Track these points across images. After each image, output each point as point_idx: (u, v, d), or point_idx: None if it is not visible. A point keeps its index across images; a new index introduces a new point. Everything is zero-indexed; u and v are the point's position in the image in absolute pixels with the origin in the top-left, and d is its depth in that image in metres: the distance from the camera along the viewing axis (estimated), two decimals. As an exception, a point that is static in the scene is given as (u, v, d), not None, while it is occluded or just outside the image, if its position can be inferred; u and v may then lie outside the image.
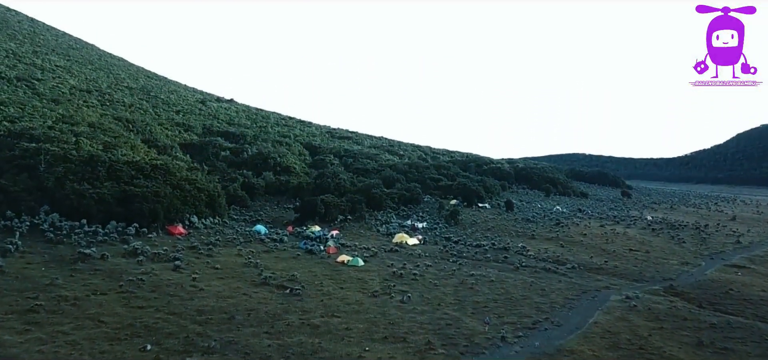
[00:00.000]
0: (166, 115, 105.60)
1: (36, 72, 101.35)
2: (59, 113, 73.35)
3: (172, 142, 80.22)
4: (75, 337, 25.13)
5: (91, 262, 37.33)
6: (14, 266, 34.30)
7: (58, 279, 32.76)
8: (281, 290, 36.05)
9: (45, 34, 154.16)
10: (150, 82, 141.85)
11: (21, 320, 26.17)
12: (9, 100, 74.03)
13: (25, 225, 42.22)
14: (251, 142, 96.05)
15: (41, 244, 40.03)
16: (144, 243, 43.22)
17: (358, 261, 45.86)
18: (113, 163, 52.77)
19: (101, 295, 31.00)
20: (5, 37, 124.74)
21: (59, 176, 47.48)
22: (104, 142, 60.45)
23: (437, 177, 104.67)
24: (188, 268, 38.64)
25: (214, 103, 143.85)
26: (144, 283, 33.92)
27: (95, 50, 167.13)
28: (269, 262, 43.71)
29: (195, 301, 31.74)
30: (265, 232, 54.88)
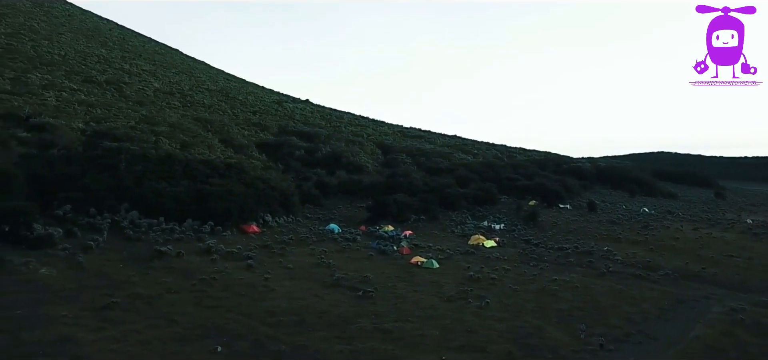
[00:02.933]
0: (244, 115, 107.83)
1: (123, 76, 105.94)
2: (142, 114, 76.01)
3: (249, 142, 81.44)
4: (147, 336, 24.82)
5: (166, 259, 37.61)
6: (94, 263, 34.95)
7: (134, 276, 33.02)
8: (353, 292, 34.83)
9: (133, 40, 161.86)
10: (229, 84, 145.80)
11: (96, 318, 26.18)
12: (97, 102, 77.44)
13: (106, 222, 43.28)
14: (325, 142, 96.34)
15: (120, 241, 40.85)
16: (218, 241, 43.37)
17: (433, 263, 44.07)
18: (189, 161, 53.64)
19: (174, 294, 30.86)
20: (97, 44, 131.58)
21: (138, 175, 48.66)
22: (182, 142, 61.78)
23: (514, 176, 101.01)
24: (261, 268, 38.22)
25: (290, 103, 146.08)
26: (216, 282, 33.64)
27: (178, 55, 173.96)
28: (341, 262, 42.72)
29: (266, 302, 31.03)
30: (338, 231, 54.16)
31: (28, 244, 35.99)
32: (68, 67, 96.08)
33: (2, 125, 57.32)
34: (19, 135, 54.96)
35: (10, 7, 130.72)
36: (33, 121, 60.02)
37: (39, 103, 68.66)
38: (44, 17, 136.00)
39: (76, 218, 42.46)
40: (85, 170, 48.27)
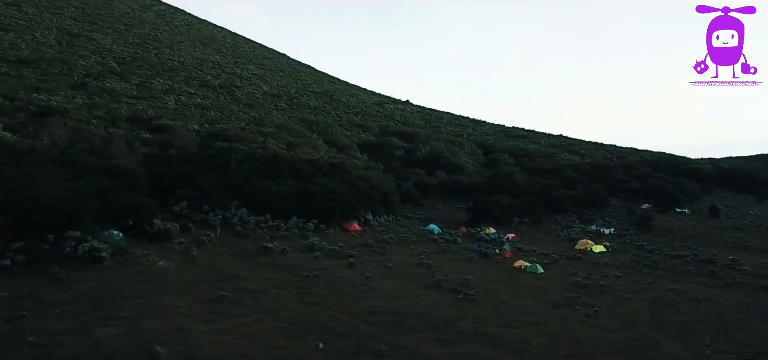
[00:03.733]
0: (346, 117, 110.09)
1: (235, 80, 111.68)
2: (252, 116, 79.68)
3: (351, 142, 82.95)
4: (253, 329, 25.65)
5: (272, 255, 38.90)
6: (206, 257, 36.84)
7: (242, 271, 34.39)
8: (454, 294, 34.16)
9: (244, 46, 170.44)
10: (333, 87, 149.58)
11: (208, 310, 27.44)
12: (211, 105, 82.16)
13: (218, 218, 45.57)
14: (424, 142, 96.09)
15: (230, 237, 42.84)
16: (321, 239, 44.29)
17: (537, 267, 42.36)
18: (294, 161, 55.39)
19: (279, 289, 31.75)
20: (212, 50, 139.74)
21: (247, 174, 50.90)
22: (288, 142, 63.97)
23: (625, 178, 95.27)
24: (361, 266, 38.52)
25: (391, 104, 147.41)
26: (319, 279, 34.27)
27: (286, 59, 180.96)
28: (442, 263, 42.15)
29: (367, 301, 31.14)
30: (438, 232, 53.63)
31: (148, 237, 38.64)
32: (186, 73, 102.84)
33: (129, 127, 62.32)
34: (143, 136, 59.45)
35: (137, 19, 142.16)
36: (155, 123, 64.72)
37: (160, 107, 73.96)
38: (166, 27, 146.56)
39: (191, 214, 45.05)
40: (199, 169, 51.22)
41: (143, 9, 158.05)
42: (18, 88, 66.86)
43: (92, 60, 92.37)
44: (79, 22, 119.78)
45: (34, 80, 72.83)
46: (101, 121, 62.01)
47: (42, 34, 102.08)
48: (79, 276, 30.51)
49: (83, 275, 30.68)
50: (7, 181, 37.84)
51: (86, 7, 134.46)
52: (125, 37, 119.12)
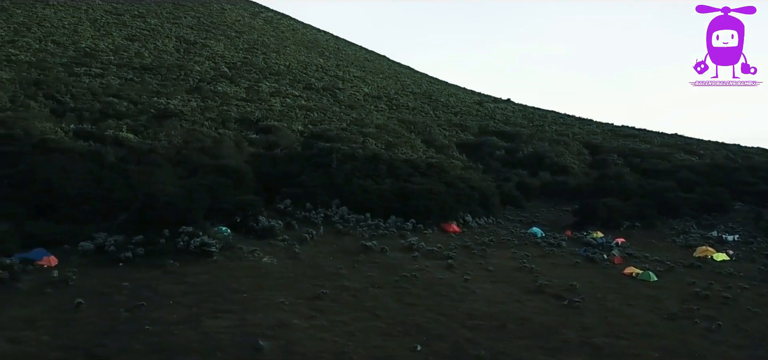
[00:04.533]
0: (445, 116, 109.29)
1: (338, 82, 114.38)
2: (353, 117, 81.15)
3: (450, 142, 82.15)
4: (352, 328, 25.78)
5: (371, 254, 39.13)
6: (308, 254, 37.74)
7: (342, 269, 34.84)
8: (558, 300, 32.53)
9: (346, 49, 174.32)
10: (432, 87, 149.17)
11: (308, 306, 27.96)
12: (315, 107, 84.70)
13: (320, 216, 46.64)
14: (527, 141, 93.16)
15: (331, 234, 43.66)
16: (420, 239, 44.02)
17: (650, 275, 39.45)
18: (393, 161, 55.61)
19: (378, 289, 31.79)
20: (316, 54, 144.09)
21: (347, 173, 51.78)
22: (387, 142, 64.41)
23: (751, 180, 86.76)
24: (460, 268, 37.78)
25: (491, 103, 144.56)
26: (417, 280, 33.96)
27: (386, 61, 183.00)
28: (545, 267, 40.40)
29: (466, 304, 30.40)
30: (541, 235, 51.61)
31: (254, 234, 40.30)
32: (292, 76, 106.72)
33: (238, 128, 65.61)
34: (250, 137, 62.35)
35: (247, 26, 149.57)
36: (261, 124, 67.64)
37: (267, 109, 77.26)
38: (273, 33, 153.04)
39: (294, 212, 46.50)
40: (302, 168, 52.86)
41: (252, 16, 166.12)
42: (141, 93, 72.50)
43: (206, 65, 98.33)
44: (196, 31, 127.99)
45: (155, 85, 78.69)
46: (213, 122, 65.76)
47: (163, 42, 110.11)
48: (191, 269, 32.28)
49: (194, 268, 32.44)
50: (129, 178, 40.94)
51: (202, 16, 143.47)
52: (236, 43, 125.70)
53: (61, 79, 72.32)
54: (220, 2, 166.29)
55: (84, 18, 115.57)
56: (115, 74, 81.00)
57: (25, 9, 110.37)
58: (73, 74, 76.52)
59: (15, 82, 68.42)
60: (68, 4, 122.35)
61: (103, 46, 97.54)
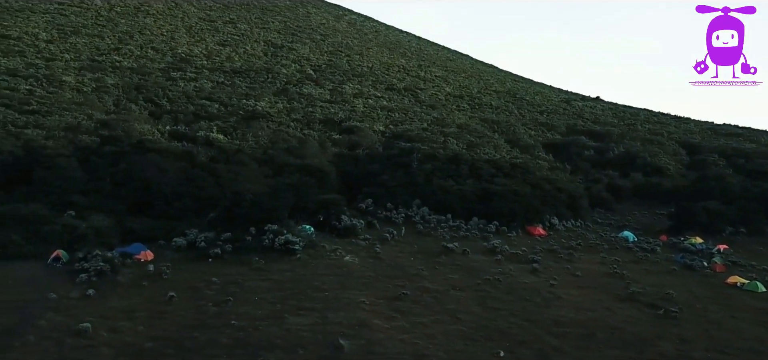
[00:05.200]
0: (530, 115, 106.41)
1: (419, 82, 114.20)
2: (434, 117, 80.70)
3: (535, 142, 79.82)
4: (432, 330, 25.40)
5: (452, 256, 38.54)
6: (389, 254, 37.67)
7: (423, 270, 34.49)
8: (652, 310, 30.53)
9: (428, 49, 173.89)
10: (516, 86, 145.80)
11: (389, 307, 27.84)
12: (396, 107, 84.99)
13: (401, 216, 46.59)
14: (617, 141, 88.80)
15: (412, 235, 43.43)
16: (503, 241, 42.89)
17: (758, 286, 36.25)
18: (475, 161, 54.66)
19: (459, 291, 31.19)
20: (398, 55, 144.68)
21: (428, 173, 51.39)
22: (468, 142, 63.48)
23: None
24: (546, 273, 36.37)
25: (579, 102, 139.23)
26: (500, 284, 33.03)
27: (468, 59, 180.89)
28: (638, 274, 38.11)
29: (551, 310, 29.18)
30: (633, 240, 48.81)
31: (337, 232, 40.83)
32: (374, 77, 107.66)
33: (322, 129, 66.97)
34: (334, 137, 63.43)
35: (332, 29, 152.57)
36: (345, 125, 68.64)
37: (350, 110, 78.35)
38: (357, 35, 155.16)
39: (375, 211, 46.75)
40: (384, 168, 53.05)
41: (337, 19, 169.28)
42: (231, 95, 75.63)
43: (292, 68, 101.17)
44: (283, 35, 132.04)
45: (244, 88, 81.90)
46: (298, 123, 67.55)
47: (252, 46, 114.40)
48: (275, 266, 33.08)
49: (279, 265, 33.21)
50: (219, 177, 42.67)
51: (288, 20, 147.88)
52: (321, 46, 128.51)
53: (159, 84, 76.80)
54: (306, 6, 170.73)
55: (180, 25, 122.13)
56: (207, 78, 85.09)
57: (129, 18, 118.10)
58: (170, 79, 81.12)
59: (118, 87, 73.43)
60: (166, 12, 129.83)
61: (198, 51, 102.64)
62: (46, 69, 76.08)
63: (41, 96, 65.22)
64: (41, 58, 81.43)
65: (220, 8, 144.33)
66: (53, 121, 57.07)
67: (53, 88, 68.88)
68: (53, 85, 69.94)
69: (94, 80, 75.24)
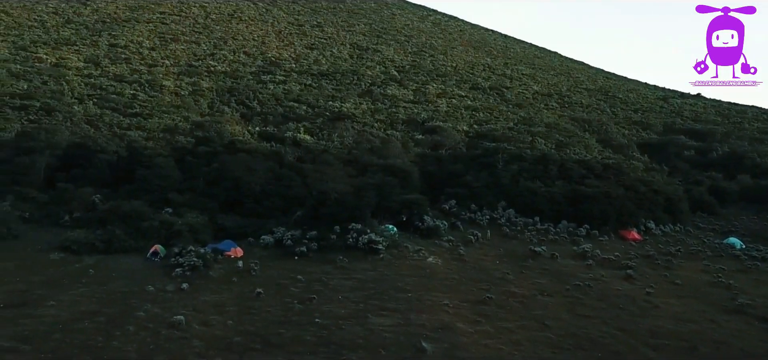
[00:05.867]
0: (624, 114, 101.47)
1: (505, 81, 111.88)
2: (520, 116, 78.71)
3: (629, 142, 75.90)
4: (519, 336, 24.49)
5: (540, 260, 37.18)
6: (473, 256, 36.91)
7: (509, 274, 33.49)
8: (763, 323, 27.93)
9: (515, 47, 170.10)
10: (608, 83, 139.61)
11: (473, 310, 27.19)
12: (481, 107, 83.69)
13: (485, 218, 45.60)
14: (721, 140, 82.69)
15: (498, 237, 42.35)
16: (594, 246, 40.90)
17: None
18: (564, 161, 52.60)
19: (547, 297, 29.98)
20: (483, 54, 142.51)
21: (514, 174, 50.00)
22: (557, 142, 61.32)
23: None
24: (642, 280, 34.25)
25: (677, 99, 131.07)
26: (591, 290, 31.42)
27: (557, 57, 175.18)
28: (746, 284, 35.04)
29: (648, 320, 27.36)
30: (740, 247, 45.06)
31: (420, 233, 40.53)
32: (458, 77, 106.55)
33: (405, 129, 67.02)
34: (416, 137, 63.27)
35: (416, 29, 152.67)
36: (428, 125, 68.32)
37: (433, 110, 77.96)
38: (441, 35, 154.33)
39: (459, 212, 46.02)
40: (467, 168, 52.21)
41: (421, 19, 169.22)
42: (318, 97, 77.38)
43: (377, 70, 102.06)
44: (368, 37, 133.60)
45: (330, 90, 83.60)
46: (382, 124, 68.06)
47: (338, 49, 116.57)
48: (359, 265, 33.25)
49: (362, 265, 33.36)
50: (305, 177, 43.59)
51: (373, 22, 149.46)
52: (405, 47, 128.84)
53: (250, 87, 79.96)
54: (391, 8, 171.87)
55: (270, 30, 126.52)
56: (296, 81, 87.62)
57: (223, 25, 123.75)
58: (260, 82, 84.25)
59: (213, 90, 77.13)
60: (258, 18, 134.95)
61: (287, 55, 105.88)
62: (149, 74, 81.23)
63: (143, 100, 69.72)
64: (144, 64, 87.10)
65: (307, 12, 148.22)
66: (153, 123, 60.78)
67: (154, 92, 73.42)
68: (154, 90, 74.56)
69: (190, 84, 79.57)
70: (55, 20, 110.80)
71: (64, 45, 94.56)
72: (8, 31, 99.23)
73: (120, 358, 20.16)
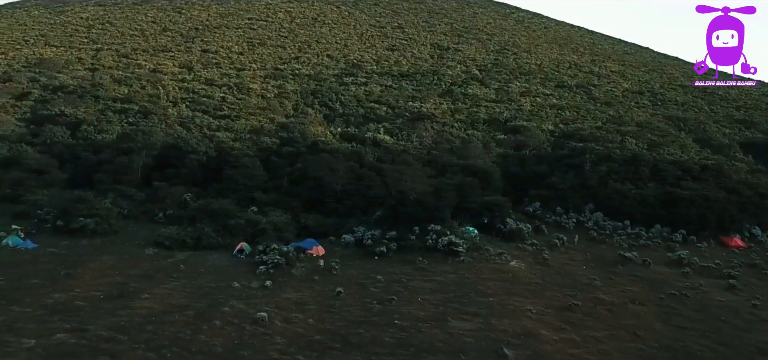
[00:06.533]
0: (724, 111, 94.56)
1: (593, 79, 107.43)
2: (609, 114, 75.33)
3: (730, 141, 70.65)
4: (607, 346, 23.19)
5: (631, 266, 35.24)
6: (558, 261, 35.52)
7: (596, 280, 31.94)
8: None
9: (602, 43, 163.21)
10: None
11: (558, 317, 26.07)
12: (567, 105, 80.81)
13: (571, 221, 43.85)
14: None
15: (584, 241, 40.58)
16: (691, 253, 38.25)
17: None
18: (657, 162, 49.71)
19: (639, 305, 28.28)
20: (569, 51, 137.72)
21: (602, 175, 47.86)
22: (650, 141, 58.12)
23: None
24: (746, 291, 31.65)
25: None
26: (688, 300, 29.35)
27: (649, 53, 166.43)
28: None
29: (753, 335, 25.17)
30: None
31: (501, 236, 39.51)
32: (543, 75, 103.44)
33: (486, 129, 65.78)
34: (498, 137, 61.91)
35: (498, 28, 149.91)
36: (510, 124, 66.71)
37: (516, 109, 76.06)
38: (524, 33, 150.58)
39: (543, 215, 44.54)
40: (552, 169, 50.51)
41: (503, 17, 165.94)
42: (398, 97, 77.56)
43: (458, 69, 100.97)
44: (449, 36, 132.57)
45: (410, 90, 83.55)
46: (462, 124, 67.14)
47: (418, 50, 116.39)
48: (439, 267, 32.80)
49: (442, 267, 32.89)
50: (385, 177, 43.67)
51: (455, 22, 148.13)
52: (487, 45, 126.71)
53: (333, 89, 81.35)
54: (473, 7, 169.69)
55: (353, 33, 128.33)
56: (376, 82, 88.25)
57: (307, 29, 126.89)
58: (342, 83, 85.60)
59: (297, 93, 79.19)
60: (340, 21, 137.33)
61: (368, 57, 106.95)
62: (237, 78, 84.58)
63: (232, 102, 72.62)
64: (233, 68, 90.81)
65: (389, 14, 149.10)
66: (241, 124, 63.10)
67: (242, 95, 76.33)
68: (242, 93, 77.51)
69: (276, 87, 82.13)
70: (154, 29, 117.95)
71: (161, 52, 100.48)
72: (112, 41, 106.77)
73: (206, 352, 20.83)
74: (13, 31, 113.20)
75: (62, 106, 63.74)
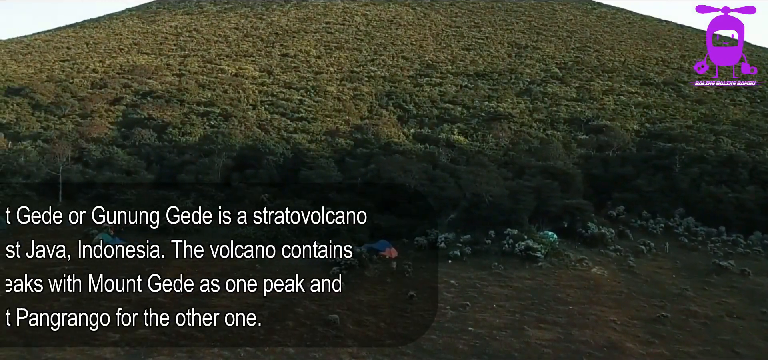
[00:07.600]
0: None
1: (682, 75, 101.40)
2: (701, 113, 70.72)
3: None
4: (701, 363, 21.48)
5: (727, 276, 32.65)
6: (645, 269, 33.53)
7: (688, 290, 29.83)
8: None
9: (693, 38, 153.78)
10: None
11: (645, 329, 24.54)
12: (653, 104, 76.70)
13: (659, 227, 41.38)
14: None
15: (674, 248, 38.07)
16: (798, 263, 35.03)
17: None
18: (757, 164, 45.94)
19: (737, 319, 26.12)
20: (656, 46, 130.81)
21: (694, 177, 44.78)
22: (748, 142, 53.87)
23: None
24: None
25: None
26: (794, 315, 26.78)
27: (747, 48, 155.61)
28: None
29: None
30: None
31: (582, 241, 37.73)
32: (627, 72, 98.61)
33: (566, 129, 63.28)
34: (579, 137, 59.38)
35: (579, 24, 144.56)
36: (592, 124, 63.86)
37: (599, 108, 72.81)
38: (607, 29, 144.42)
39: (628, 220, 42.24)
40: (638, 171, 47.93)
41: (585, 13, 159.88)
42: (474, 97, 76.35)
43: (536, 68, 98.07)
44: (527, 34, 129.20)
45: (486, 90, 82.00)
46: (541, 124, 64.98)
47: (495, 49, 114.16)
48: (516, 273, 31.70)
49: (519, 273, 31.77)
50: (459, 179, 42.82)
51: (533, 19, 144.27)
52: (567, 43, 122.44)
53: (408, 90, 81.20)
54: (552, 4, 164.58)
55: (428, 34, 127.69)
56: (451, 82, 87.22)
57: (383, 31, 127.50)
58: (417, 85, 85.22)
59: (372, 95, 79.68)
60: (416, 22, 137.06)
61: (443, 57, 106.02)
62: (314, 81, 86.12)
63: (309, 105, 73.98)
64: (311, 72, 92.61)
65: (465, 14, 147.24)
66: (317, 126, 64.10)
67: (319, 98, 77.64)
68: (319, 95, 78.84)
69: (352, 89, 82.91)
70: (236, 35, 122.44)
71: (243, 57, 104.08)
72: (198, 47, 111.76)
73: (278, 352, 21.00)
74: (110, 41, 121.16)
75: (150, 110, 67.29)
